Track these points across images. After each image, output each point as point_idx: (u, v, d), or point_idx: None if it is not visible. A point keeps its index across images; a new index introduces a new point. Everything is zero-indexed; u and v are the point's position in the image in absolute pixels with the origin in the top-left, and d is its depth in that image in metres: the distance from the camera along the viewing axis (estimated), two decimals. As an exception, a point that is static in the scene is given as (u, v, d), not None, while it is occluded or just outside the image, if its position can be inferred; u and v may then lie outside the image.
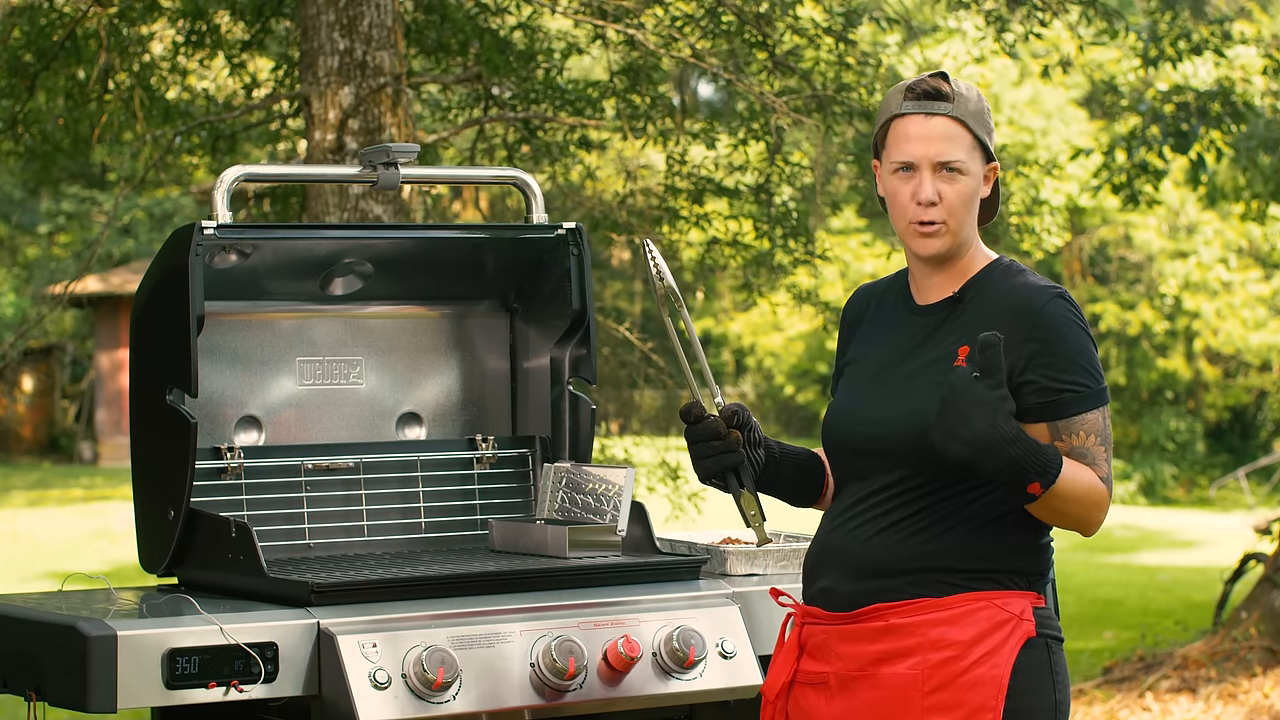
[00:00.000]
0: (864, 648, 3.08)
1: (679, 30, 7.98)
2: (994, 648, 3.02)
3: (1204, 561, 17.52)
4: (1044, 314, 3.05)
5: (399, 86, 6.66)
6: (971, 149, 3.11)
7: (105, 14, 8.34)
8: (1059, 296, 3.08)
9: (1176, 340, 28.83)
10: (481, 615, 3.43)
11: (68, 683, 3.20)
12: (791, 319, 27.31)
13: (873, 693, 3.06)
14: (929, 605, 3.04)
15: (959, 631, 3.02)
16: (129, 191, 9.26)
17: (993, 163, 3.17)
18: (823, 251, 9.09)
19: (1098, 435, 3.04)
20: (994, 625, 3.03)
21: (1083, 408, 3.03)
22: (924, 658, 3.02)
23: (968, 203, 3.12)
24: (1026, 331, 3.04)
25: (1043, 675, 3.06)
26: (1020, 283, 3.11)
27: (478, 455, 4.13)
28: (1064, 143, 24.38)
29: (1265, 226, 21.12)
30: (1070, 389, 3.03)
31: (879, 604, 3.07)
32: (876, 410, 3.13)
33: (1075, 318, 3.07)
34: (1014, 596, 3.06)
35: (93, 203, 27.44)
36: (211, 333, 3.93)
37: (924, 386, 3.08)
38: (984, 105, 3.14)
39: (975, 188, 3.13)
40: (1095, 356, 3.07)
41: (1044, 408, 3.03)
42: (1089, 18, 8.86)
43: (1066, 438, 3.03)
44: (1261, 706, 8.60)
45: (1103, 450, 3.04)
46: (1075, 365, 3.04)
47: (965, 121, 3.10)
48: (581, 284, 4.05)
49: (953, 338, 3.11)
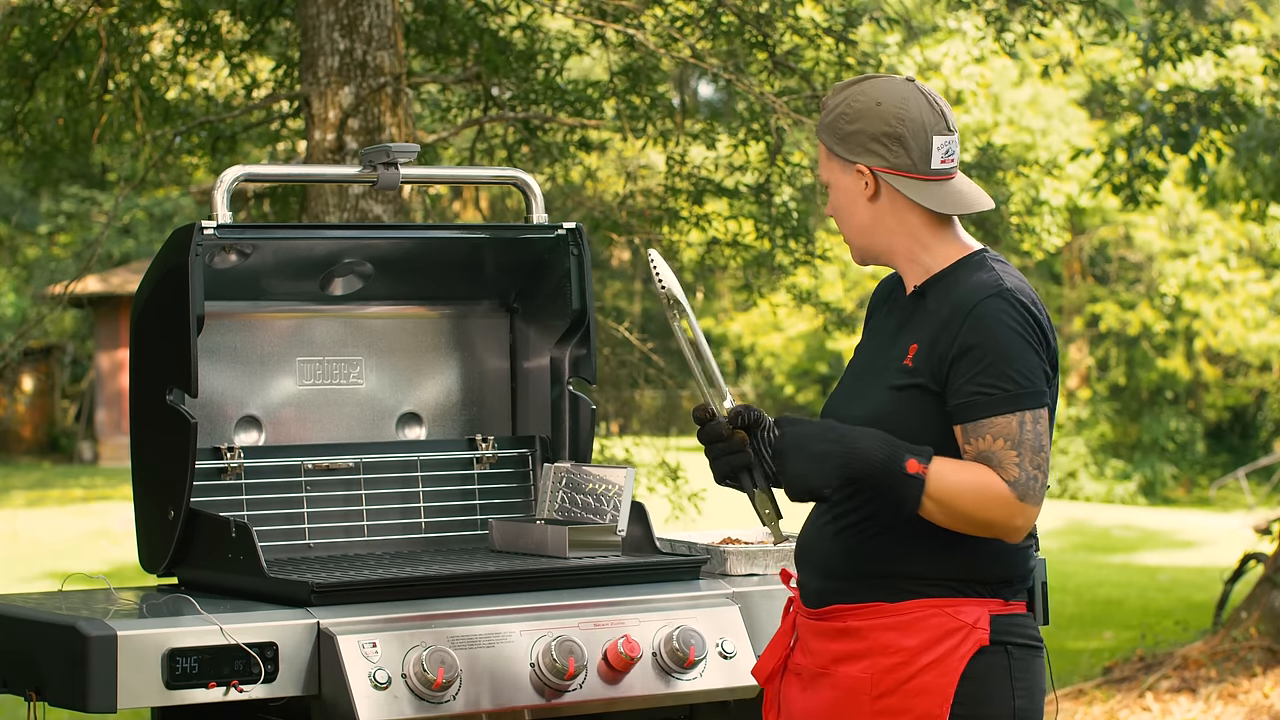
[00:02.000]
0: (827, 645, 3.11)
1: (679, 30, 7.98)
2: (942, 655, 3.01)
3: (1204, 561, 17.52)
4: (973, 314, 3.00)
5: (399, 86, 6.66)
6: (828, 160, 3.13)
7: (105, 14, 8.34)
8: (996, 296, 3.01)
9: (1176, 340, 28.83)
10: (481, 615, 3.43)
11: (68, 683, 3.20)
12: (792, 319, 27.31)
13: (830, 691, 3.09)
14: (882, 610, 3.04)
15: (907, 638, 3.02)
16: (129, 191, 9.26)
17: (856, 163, 3.10)
18: (823, 252, 9.10)
19: (1007, 439, 2.96)
20: (944, 633, 3.02)
21: (990, 412, 2.96)
22: (874, 661, 3.04)
23: (841, 211, 3.15)
24: (955, 331, 3.01)
25: (999, 683, 3.02)
26: (971, 279, 3.06)
27: (478, 455, 4.13)
28: (1064, 143, 24.37)
29: (1265, 226, 21.12)
30: (980, 392, 2.97)
31: (838, 604, 3.09)
32: (845, 409, 3.13)
33: (1008, 318, 2.99)
34: (969, 604, 3.03)
35: (93, 203, 27.44)
36: (211, 333, 3.93)
37: (875, 383, 3.10)
38: (840, 110, 3.10)
39: (844, 197, 3.13)
40: (1023, 358, 2.97)
41: (955, 410, 3.00)
42: (1089, 18, 8.86)
43: (973, 442, 2.98)
44: (1261, 706, 8.60)
45: (1013, 454, 2.95)
46: (990, 368, 2.97)
47: (821, 138, 3.13)
48: (581, 284, 4.05)
49: (908, 335, 3.09)
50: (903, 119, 3.06)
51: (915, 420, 3.03)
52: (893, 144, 3.07)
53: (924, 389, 3.03)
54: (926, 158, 3.08)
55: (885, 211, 3.11)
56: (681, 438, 18.89)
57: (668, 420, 23.69)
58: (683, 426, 33.23)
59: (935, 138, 3.07)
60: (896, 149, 3.07)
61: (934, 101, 3.10)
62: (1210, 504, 26.86)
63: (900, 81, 3.12)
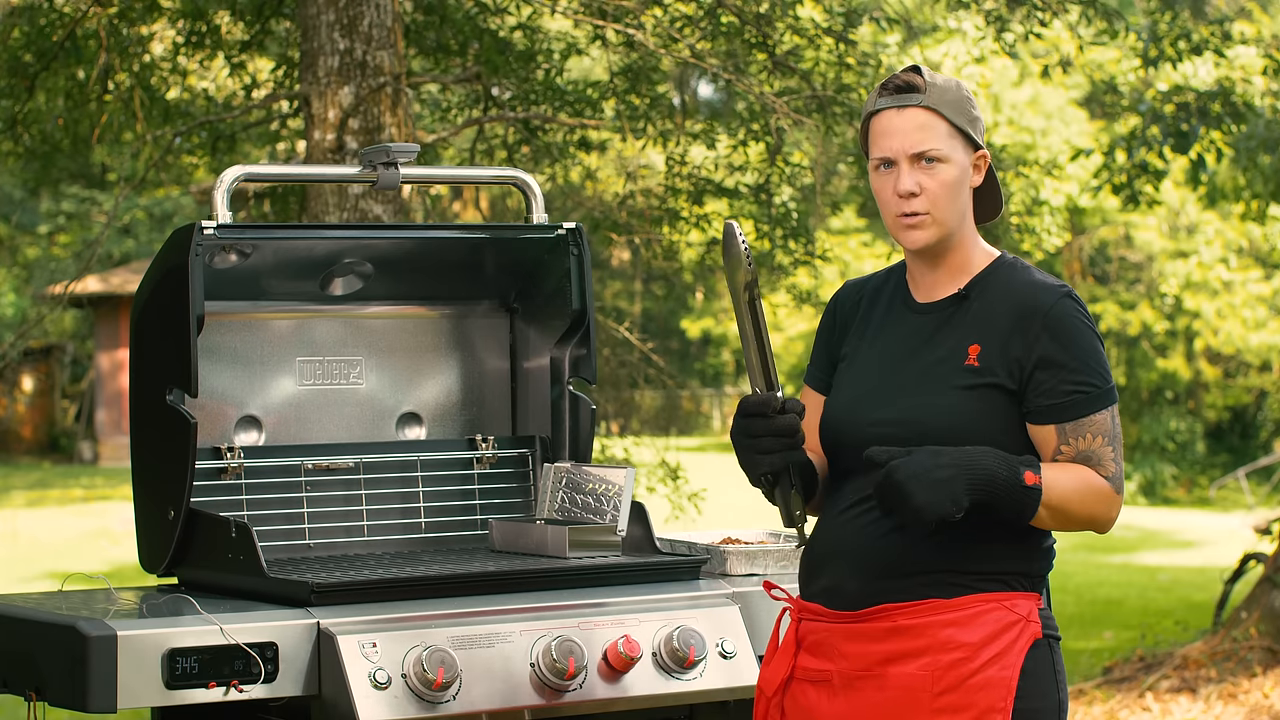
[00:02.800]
0: (870, 647, 3.06)
1: (679, 30, 7.98)
2: (1003, 649, 3.01)
3: (1204, 561, 17.52)
4: (1052, 314, 3.04)
5: (399, 86, 6.67)
6: (950, 136, 3.08)
7: (105, 14, 8.34)
8: (1067, 296, 3.07)
9: (1176, 340, 28.83)
10: (481, 615, 3.43)
11: (68, 683, 3.21)
12: (792, 319, 27.31)
13: (879, 693, 3.05)
14: (938, 606, 3.02)
15: (969, 633, 3.01)
16: (129, 191, 9.26)
17: (980, 150, 3.14)
18: (823, 252, 9.10)
19: (1105, 436, 3.03)
20: (1003, 627, 3.02)
21: (1090, 409, 3.02)
22: (934, 659, 3.01)
23: (951, 191, 3.09)
24: (1035, 332, 3.03)
25: (1047, 675, 3.06)
26: (1027, 280, 3.10)
27: (478, 455, 4.13)
28: (1064, 143, 24.37)
29: (1265, 226, 21.12)
30: (1078, 391, 3.02)
31: (887, 604, 3.05)
32: (885, 410, 3.10)
33: (1083, 317, 3.06)
34: (1020, 598, 3.05)
35: (93, 203, 27.45)
36: (211, 333, 3.93)
37: (933, 384, 3.08)
38: (963, 94, 3.10)
39: (959, 175, 3.09)
40: (1103, 355, 3.04)
41: (1051, 410, 3.02)
42: (1089, 18, 8.86)
43: (1074, 440, 3.03)
44: (1261, 706, 8.60)
45: (1110, 450, 3.03)
46: (1084, 366, 3.03)
47: (940, 110, 3.07)
48: (581, 284, 4.05)
49: (959, 335, 3.10)
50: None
51: (989, 419, 3.04)
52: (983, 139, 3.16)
53: (997, 388, 3.04)
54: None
55: (970, 203, 3.14)
56: (681, 438, 18.90)
57: (668, 420, 23.69)
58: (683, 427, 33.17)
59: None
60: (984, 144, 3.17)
61: None
62: (1210, 504, 26.86)
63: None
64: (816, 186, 9.23)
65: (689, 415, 35.65)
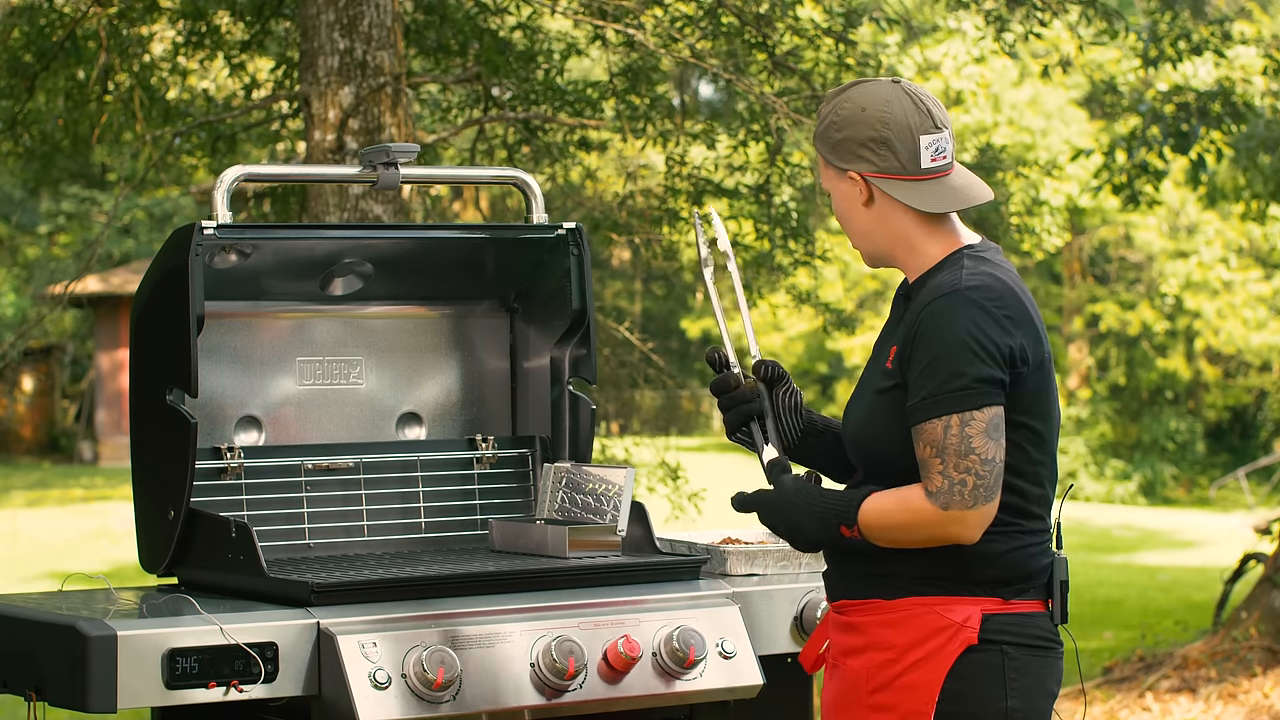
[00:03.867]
0: (839, 637, 3.17)
1: (679, 30, 7.98)
2: (929, 653, 3.02)
3: (1204, 561, 17.52)
4: (922, 316, 3.02)
5: (399, 86, 6.67)
6: (826, 168, 3.17)
7: (105, 14, 8.34)
8: (946, 296, 3.01)
9: (1176, 340, 28.83)
10: (481, 615, 3.43)
11: (68, 683, 3.21)
12: (791, 319, 27.32)
13: (840, 682, 3.15)
14: (879, 606, 3.09)
15: (897, 635, 3.05)
16: (129, 191, 9.26)
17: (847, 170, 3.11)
18: (822, 252, 9.10)
19: (933, 446, 2.96)
20: (931, 631, 3.03)
21: (919, 418, 2.98)
22: (870, 656, 3.09)
23: (842, 217, 3.21)
24: (911, 335, 3.03)
25: (991, 682, 3.01)
26: (934, 281, 3.07)
27: (478, 455, 4.13)
28: (1064, 143, 24.38)
29: (1265, 226, 21.13)
30: (915, 397, 2.99)
31: (844, 600, 3.16)
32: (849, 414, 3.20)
33: (953, 318, 2.98)
34: (960, 603, 3.03)
35: (93, 203, 27.45)
36: (211, 333, 3.93)
37: (862, 389, 3.17)
38: (831, 119, 3.12)
39: (840, 203, 3.17)
40: (957, 360, 2.95)
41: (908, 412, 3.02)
42: (1089, 18, 8.86)
43: (916, 445, 3.00)
44: (1261, 706, 8.61)
45: (937, 463, 2.96)
46: (926, 372, 2.98)
47: (817, 148, 3.17)
48: (581, 284, 4.05)
49: (891, 337, 3.13)
50: (887, 122, 3.07)
51: (891, 420, 3.05)
52: (880, 148, 3.07)
53: (901, 388, 3.04)
54: (915, 158, 3.07)
55: (880, 215, 3.12)
56: (681, 438, 18.89)
57: (668, 420, 23.68)
58: (683, 427, 33.18)
59: (922, 137, 3.06)
60: (884, 152, 3.07)
61: (919, 100, 3.09)
62: (1210, 504, 26.86)
63: (886, 84, 3.12)
64: (816, 186, 9.22)
65: (689, 415, 35.66)
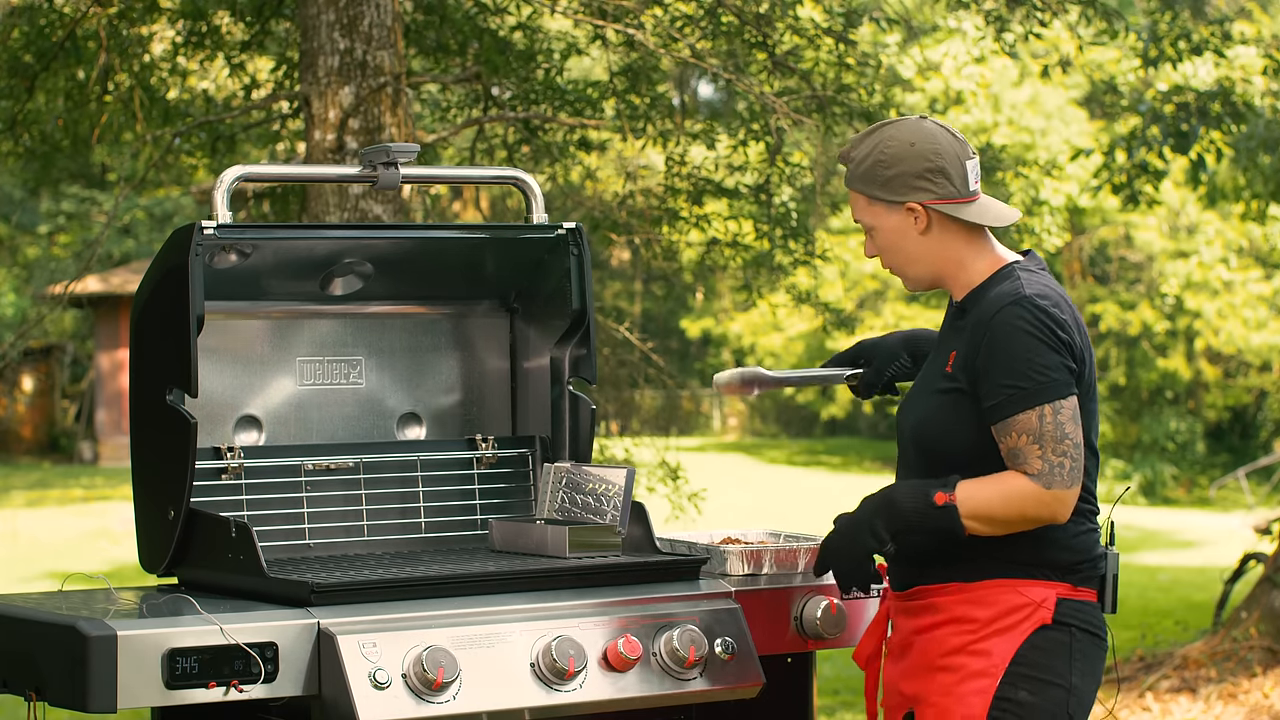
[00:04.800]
0: (911, 621, 3.48)
1: (679, 30, 7.98)
2: (1009, 626, 3.36)
3: (1204, 561, 17.52)
4: (994, 323, 3.34)
5: (399, 86, 6.67)
6: (868, 205, 3.46)
7: (105, 14, 8.34)
8: (1012, 304, 3.34)
9: (1177, 340, 28.82)
10: (481, 615, 3.43)
11: (68, 683, 3.20)
12: (791, 319, 27.31)
13: (909, 657, 3.47)
14: (959, 588, 3.40)
15: (979, 610, 3.37)
16: (129, 191, 9.26)
17: (905, 203, 3.43)
18: (822, 252, 9.09)
19: (1030, 435, 3.29)
20: (1012, 608, 3.36)
21: (1012, 410, 3.30)
22: (948, 628, 3.40)
23: (892, 249, 3.47)
24: (979, 341, 3.36)
25: (1059, 657, 3.36)
26: (996, 291, 3.40)
27: (478, 455, 4.13)
28: (1064, 143, 24.37)
29: (1265, 226, 21.13)
30: (1003, 392, 3.31)
31: (919, 586, 3.46)
32: (905, 403, 3.55)
33: (1023, 322, 3.32)
34: (1038, 585, 3.37)
35: (93, 203, 27.45)
36: (211, 333, 3.93)
37: (922, 389, 3.50)
38: (874, 159, 3.44)
39: (891, 236, 3.46)
40: (1041, 357, 3.30)
41: (988, 412, 3.34)
42: (1089, 18, 8.86)
43: (1005, 439, 3.32)
44: (1261, 706, 8.61)
45: (1035, 449, 3.29)
46: (1010, 370, 3.30)
47: (854, 188, 3.47)
48: (581, 284, 4.05)
49: (949, 345, 3.46)
50: (939, 153, 3.42)
51: (954, 419, 3.39)
52: (937, 176, 3.41)
53: (962, 392, 3.38)
54: (965, 181, 3.43)
55: (936, 240, 3.45)
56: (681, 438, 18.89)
57: (668, 420, 23.67)
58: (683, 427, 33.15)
59: (966, 163, 3.44)
60: (941, 180, 3.41)
61: (953, 132, 3.46)
62: (1210, 504, 26.85)
63: (916, 121, 3.47)
64: (816, 186, 9.23)
65: (689, 415, 35.67)
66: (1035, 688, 3.34)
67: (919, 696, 3.43)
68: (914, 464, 3.49)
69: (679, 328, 34.14)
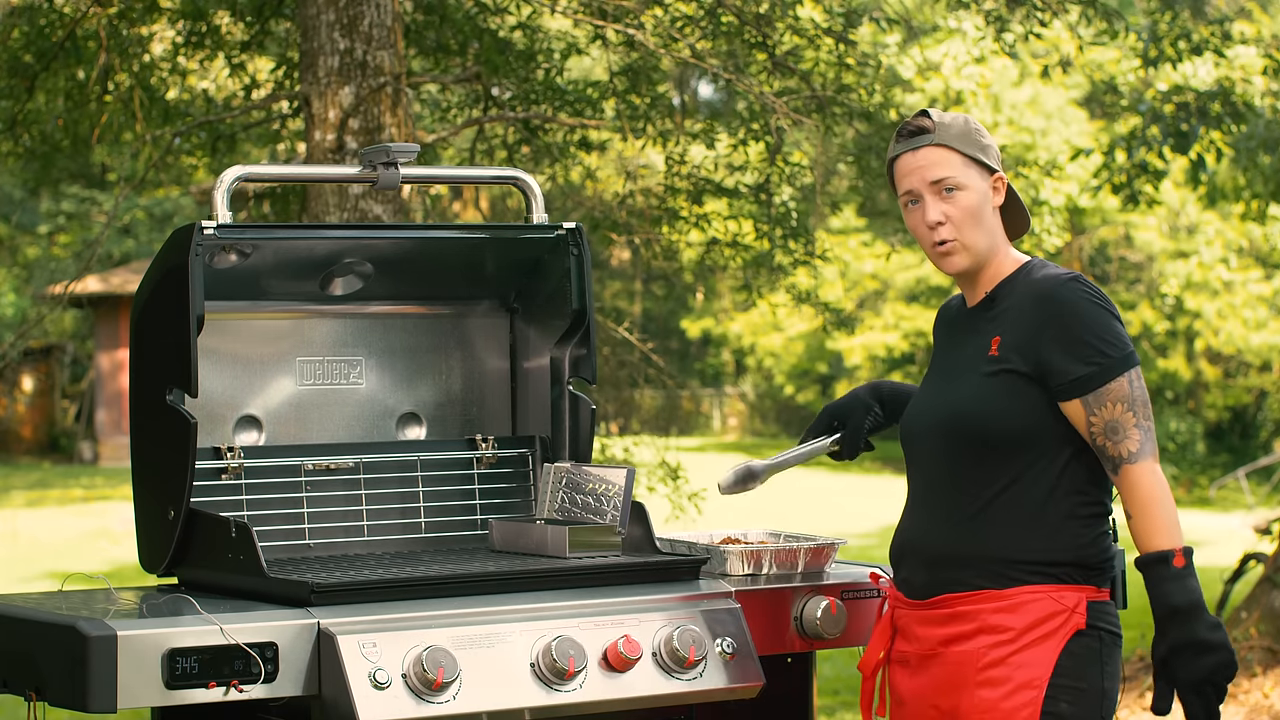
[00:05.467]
0: (935, 630, 3.42)
1: (679, 30, 7.98)
2: (1046, 634, 3.33)
3: (1204, 561, 17.44)
4: (1058, 297, 3.34)
5: (399, 86, 6.67)
6: (963, 165, 3.43)
7: (105, 14, 8.34)
8: (1072, 280, 3.36)
9: (1177, 340, 28.83)
10: (481, 615, 3.43)
11: (68, 683, 3.20)
12: (791, 319, 27.31)
13: (940, 669, 3.41)
14: (991, 596, 3.37)
15: (1014, 619, 3.34)
16: (129, 191, 9.25)
17: (996, 173, 3.44)
18: (822, 252, 9.09)
19: (1125, 402, 3.31)
20: (1047, 615, 3.34)
21: (1106, 379, 3.31)
22: (981, 639, 3.36)
23: (973, 214, 3.44)
24: (1045, 318, 3.34)
25: (1092, 663, 3.35)
26: (1042, 275, 3.42)
27: (478, 455, 4.13)
28: (1064, 143, 24.36)
29: (1265, 226, 21.13)
30: (1093, 363, 3.31)
31: (947, 594, 3.41)
32: (924, 403, 3.52)
33: (1090, 296, 3.35)
34: (1070, 590, 3.37)
35: (93, 203, 27.45)
36: (211, 333, 3.93)
37: (964, 375, 3.45)
38: (970, 127, 3.46)
39: (978, 200, 3.43)
40: (1115, 327, 3.34)
41: (1073, 386, 3.32)
42: (1089, 18, 8.86)
43: (1099, 411, 3.31)
44: (1261, 706, 8.60)
45: (1131, 416, 3.31)
46: (1095, 339, 3.32)
47: (949, 144, 3.43)
48: (581, 284, 4.05)
49: (987, 332, 3.43)
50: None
51: (1006, 398, 3.36)
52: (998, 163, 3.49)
53: (1014, 372, 3.36)
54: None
55: (998, 220, 3.48)
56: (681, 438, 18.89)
57: (668, 420, 23.67)
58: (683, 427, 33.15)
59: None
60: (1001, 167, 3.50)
61: None
62: (1210, 504, 26.84)
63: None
64: (816, 186, 9.22)
65: (689, 415, 35.67)
66: (1074, 697, 3.33)
67: (959, 712, 3.37)
68: (942, 457, 3.44)
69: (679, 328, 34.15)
